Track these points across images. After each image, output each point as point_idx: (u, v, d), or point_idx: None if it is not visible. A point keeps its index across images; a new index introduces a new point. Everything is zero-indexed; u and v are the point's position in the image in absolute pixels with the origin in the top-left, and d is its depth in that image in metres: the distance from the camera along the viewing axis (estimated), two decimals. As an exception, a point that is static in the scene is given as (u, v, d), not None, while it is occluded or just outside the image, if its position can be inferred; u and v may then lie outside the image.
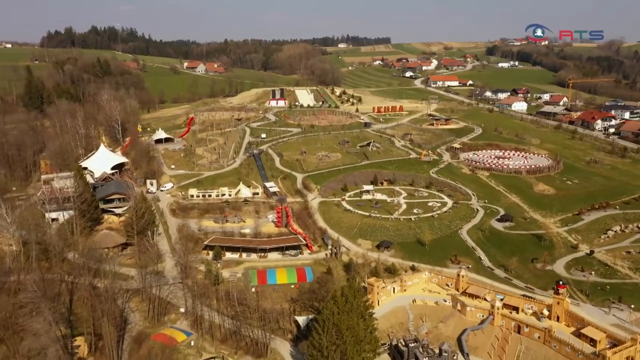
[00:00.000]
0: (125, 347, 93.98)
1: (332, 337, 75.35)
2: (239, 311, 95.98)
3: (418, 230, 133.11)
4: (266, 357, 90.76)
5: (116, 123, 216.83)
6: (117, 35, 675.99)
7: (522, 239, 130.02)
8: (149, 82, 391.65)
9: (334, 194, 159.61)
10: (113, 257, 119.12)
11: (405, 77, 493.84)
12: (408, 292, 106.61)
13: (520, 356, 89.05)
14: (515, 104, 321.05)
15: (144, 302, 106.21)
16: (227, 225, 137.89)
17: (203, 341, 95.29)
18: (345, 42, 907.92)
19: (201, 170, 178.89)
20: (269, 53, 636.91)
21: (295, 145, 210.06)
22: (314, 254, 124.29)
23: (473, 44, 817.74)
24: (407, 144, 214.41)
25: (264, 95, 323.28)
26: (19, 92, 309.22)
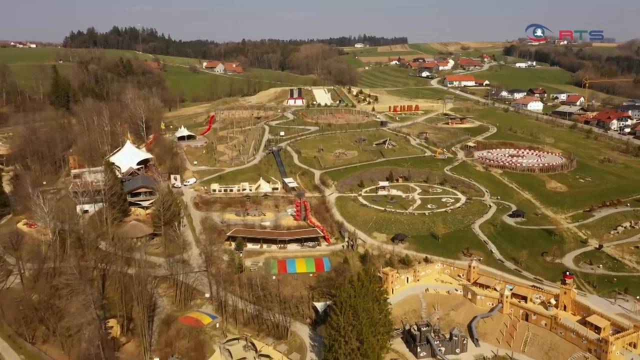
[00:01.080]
0: (155, 329, 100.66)
1: (349, 318, 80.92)
2: (261, 295, 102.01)
3: (432, 224, 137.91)
4: (286, 339, 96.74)
5: (140, 121, 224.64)
6: (138, 35, 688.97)
7: (532, 234, 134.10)
8: (169, 81, 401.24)
9: (350, 189, 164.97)
10: (141, 246, 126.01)
11: (421, 77, 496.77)
12: (421, 282, 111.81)
13: (527, 342, 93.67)
14: (531, 103, 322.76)
15: (171, 288, 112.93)
16: (248, 218, 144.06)
17: (227, 324, 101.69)
18: (362, 42, 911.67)
19: (222, 166, 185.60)
20: (286, 53, 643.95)
21: (313, 142, 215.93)
22: (331, 245, 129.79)
23: (490, 43, 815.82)
24: (422, 142, 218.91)
25: (282, 94, 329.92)
26: (45, 90, 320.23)
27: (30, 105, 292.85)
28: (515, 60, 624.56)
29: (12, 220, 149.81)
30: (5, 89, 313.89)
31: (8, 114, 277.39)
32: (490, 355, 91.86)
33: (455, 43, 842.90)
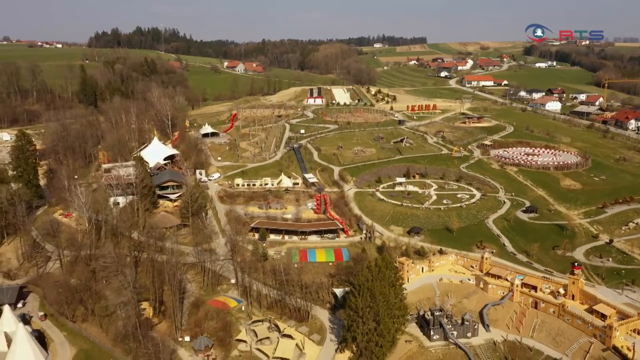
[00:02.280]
0: (184, 311, 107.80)
1: (366, 300, 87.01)
2: (284, 281, 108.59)
3: (447, 218, 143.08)
4: (307, 322, 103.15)
5: (166, 118, 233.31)
6: (161, 35, 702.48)
7: (545, 228, 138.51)
8: (191, 80, 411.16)
9: (368, 185, 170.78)
10: (171, 235, 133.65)
11: (440, 77, 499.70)
12: (435, 272, 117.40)
13: (536, 328, 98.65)
14: (549, 103, 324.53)
15: (199, 274, 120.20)
16: (271, 211, 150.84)
17: (252, 307, 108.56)
18: (381, 42, 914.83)
19: (245, 162, 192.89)
20: (305, 53, 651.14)
21: (332, 140, 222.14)
22: (350, 237, 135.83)
23: (510, 43, 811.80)
24: (439, 141, 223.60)
25: (302, 93, 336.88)
26: (74, 89, 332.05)
27: (60, 103, 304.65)
28: (535, 60, 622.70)
29: (47, 211, 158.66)
30: (35, 87, 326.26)
31: (40, 111, 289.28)
32: (500, 339, 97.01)
33: (475, 43, 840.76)
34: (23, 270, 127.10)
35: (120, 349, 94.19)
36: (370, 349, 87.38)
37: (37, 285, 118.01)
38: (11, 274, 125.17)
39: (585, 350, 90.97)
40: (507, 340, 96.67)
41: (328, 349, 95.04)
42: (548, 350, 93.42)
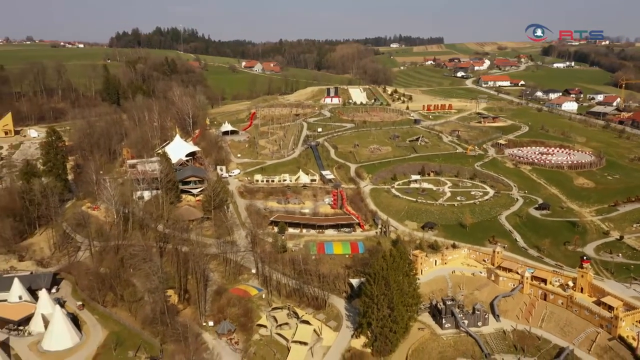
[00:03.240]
0: (208, 298, 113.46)
1: (381, 288, 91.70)
2: (303, 269, 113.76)
3: (460, 214, 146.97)
4: (324, 309, 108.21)
5: (187, 116, 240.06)
6: (180, 35, 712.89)
7: (556, 225, 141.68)
8: (210, 80, 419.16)
9: (384, 182, 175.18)
10: (194, 228, 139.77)
11: (456, 77, 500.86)
12: (448, 265, 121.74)
13: (544, 318, 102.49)
14: (566, 104, 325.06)
15: (221, 265, 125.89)
16: (289, 205, 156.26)
17: (272, 296, 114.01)
18: (398, 42, 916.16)
19: (264, 159, 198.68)
20: (322, 53, 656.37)
21: (349, 138, 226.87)
22: (366, 232, 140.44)
23: (529, 44, 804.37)
24: (454, 140, 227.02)
25: (319, 93, 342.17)
26: (97, 88, 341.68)
27: (84, 101, 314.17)
28: (553, 60, 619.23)
29: (75, 204, 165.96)
30: (61, 86, 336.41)
31: (65, 109, 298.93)
32: (510, 329, 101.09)
33: (492, 43, 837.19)
34: (55, 259, 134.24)
35: (149, 332, 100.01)
36: (384, 335, 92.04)
37: (69, 272, 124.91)
38: (44, 262, 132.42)
39: (592, 340, 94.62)
40: (517, 330, 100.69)
41: (344, 335, 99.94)
42: (556, 339, 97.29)
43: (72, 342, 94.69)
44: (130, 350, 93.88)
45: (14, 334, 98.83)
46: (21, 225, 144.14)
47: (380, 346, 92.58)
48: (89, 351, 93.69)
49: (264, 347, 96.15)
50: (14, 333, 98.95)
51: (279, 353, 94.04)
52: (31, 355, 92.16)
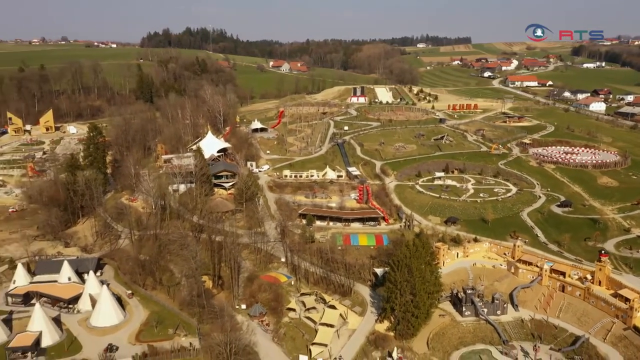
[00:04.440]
0: (240, 284, 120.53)
1: (404, 274, 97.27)
2: (329, 258, 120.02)
3: (482, 210, 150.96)
4: (350, 296, 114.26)
5: (218, 114, 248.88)
6: (209, 36, 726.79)
7: (578, 222, 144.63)
8: (239, 79, 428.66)
9: (408, 178, 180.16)
10: (226, 219, 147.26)
11: (483, 77, 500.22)
12: (470, 258, 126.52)
13: (562, 309, 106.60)
14: (593, 104, 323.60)
15: (253, 254, 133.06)
16: (316, 200, 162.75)
17: (300, 283, 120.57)
18: (425, 42, 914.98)
19: (292, 156, 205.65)
20: (348, 53, 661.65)
21: (375, 137, 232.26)
22: (390, 225, 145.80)
23: (559, 43, 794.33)
24: (478, 139, 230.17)
25: (345, 92, 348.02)
26: (131, 86, 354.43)
27: (119, 99, 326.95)
28: (583, 60, 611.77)
29: (114, 196, 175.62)
30: (97, 84, 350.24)
31: (102, 107, 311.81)
32: (528, 318, 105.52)
33: (521, 43, 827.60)
34: (97, 246, 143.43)
35: (187, 313, 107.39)
36: (406, 319, 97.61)
37: (111, 258, 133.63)
38: (87, 249, 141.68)
39: (607, 329, 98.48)
40: (534, 319, 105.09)
41: (369, 320, 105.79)
42: (572, 328, 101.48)
43: (118, 320, 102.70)
44: (170, 329, 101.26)
45: (65, 311, 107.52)
46: (66, 214, 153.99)
47: (402, 330, 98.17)
48: (132, 328, 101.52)
49: (293, 329, 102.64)
50: (64, 310, 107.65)
51: (307, 334, 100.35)
52: (81, 330, 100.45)
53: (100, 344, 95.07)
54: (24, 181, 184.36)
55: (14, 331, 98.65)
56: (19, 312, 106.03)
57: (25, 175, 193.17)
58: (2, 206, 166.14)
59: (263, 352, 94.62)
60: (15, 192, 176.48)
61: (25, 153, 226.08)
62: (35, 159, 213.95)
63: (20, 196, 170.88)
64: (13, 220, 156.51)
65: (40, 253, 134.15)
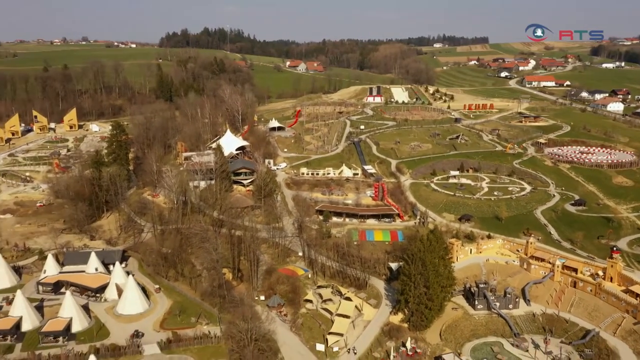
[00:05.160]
0: (259, 276, 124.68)
1: (418, 267, 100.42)
2: (346, 252, 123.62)
3: (496, 208, 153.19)
4: (365, 289, 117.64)
5: (237, 113, 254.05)
6: (226, 36, 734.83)
7: (591, 220, 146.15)
8: (256, 79, 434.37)
9: (423, 177, 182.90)
10: (245, 215, 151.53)
11: (500, 77, 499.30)
12: (483, 254, 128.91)
13: (573, 304, 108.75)
14: (611, 104, 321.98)
15: (271, 248, 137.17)
16: (333, 197, 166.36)
17: (317, 276, 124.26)
18: (441, 41, 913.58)
19: (309, 154, 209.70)
20: (365, 53, 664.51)
21: (390, 136, 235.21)
22: (405, 222, 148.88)
23: (577, 43, 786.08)
24: (494, 138, 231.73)
25: (361, 92, 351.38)
26: (151, 86, 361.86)
27: (140, 98, 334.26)
28: (602, 60, 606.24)
29: (136, 192, 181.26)
30: (118, 84, 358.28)
31: (123, 106, 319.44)
32: (539, 312, 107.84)
33: (539, 43, 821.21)
34: (121, 239, 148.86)
35: (208, 303, 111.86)
36: (420, 311, 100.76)
37: (135, 251, 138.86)
38: (112, 242, 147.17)
39: (618, 324, 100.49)
40: (546, 313, 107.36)
41: (383, 311, 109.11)
42: (583, 322, 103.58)
43: (143, 308, 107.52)
44: (192, 317, 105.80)
45: (92, 299, 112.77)
46: (91, 209, 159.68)
47: (416, 321, 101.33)
48: (157, 316, 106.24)
49: (310, 319, 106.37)
50: (92, 299, 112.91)
51: (324, 324, 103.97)
52: (108, 318, 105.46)
53: (126, 330, 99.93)
54: (50, 177, 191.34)
55: (45, 317, 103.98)
56: (50, 299, 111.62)
57: (51, 171, 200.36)
58: (30, 201, 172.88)
59: (281, 340, 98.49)
60: (42, 188, 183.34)
61: (51, 150, 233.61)
62: (60, 156, 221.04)
63: (47, 191, 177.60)
64: (41, 214, 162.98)
65: (68, 245, 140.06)
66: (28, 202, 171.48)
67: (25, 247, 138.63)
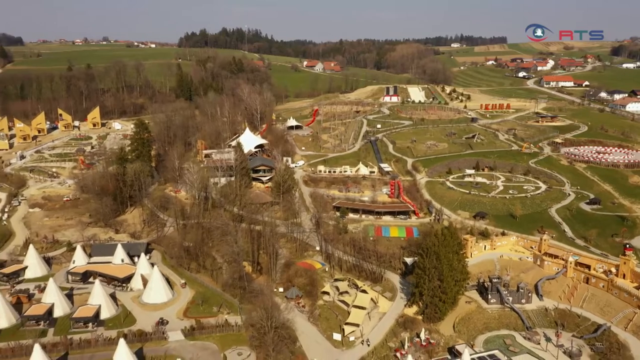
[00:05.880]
0: (278, 269, 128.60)
1: (432, 261, 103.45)
2: (362, 247, 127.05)
3: (511, 206, 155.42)
4: (381, 283, 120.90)
5: (255, 112, 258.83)
6: (244, 36, 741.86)
7: (605, 218, 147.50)
8: (274, 78, 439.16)
9: (439, 175, 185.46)
10: (263, 211, 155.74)
11: (517, 77, 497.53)
12: (497, 250, 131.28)
13: (586, 300, 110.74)
14: (630, 104, 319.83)
15: (289, 242, 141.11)
16: (349, 194, 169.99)
17: (334, 270, 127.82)
18: (459, 41, 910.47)
19: (326, 152, 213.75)
20: (382, 53, 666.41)
21: (407, 135, 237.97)
22: (420, 219, 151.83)
23: (598, 43, 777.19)
24: (510, 138, 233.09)
25: (378, 91, 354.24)
26: (171, 85, 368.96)
27: (160, 97, 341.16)
28: (622, 60, 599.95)
29: (158, 188, 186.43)
30: (139, 83, 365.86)
31: (144, 104, 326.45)
32: (552, 307, 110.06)
33: (559, 43, 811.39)
34: (145, 233, 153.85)
35: (229, 293, 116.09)
36: (434, 303, 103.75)
37: (158, 244, 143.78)
38: (136, 235, 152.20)
39: (629, 319, 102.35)
40: (558, 308, 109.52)
41: (398, 304, 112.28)
42: (595, 317, 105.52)
43: (167, 298, 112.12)
44: (214, 307, 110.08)
45: (119, 289, 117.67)
46: (115, 204, 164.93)
47: (430, 314, 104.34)
48: (180, 305, 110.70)
49: (328, 310, 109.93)
50: (118, 288, 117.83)
51: (340, 315, 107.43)
52: (134, 306, 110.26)
53: (152, 318, 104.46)
54: (76, 173, 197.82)
55: (75, 305, 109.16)
56: (79, 288, 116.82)
57: (77, 167, 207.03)
58: (57, 195, 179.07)
59: (300, 329, 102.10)
60: (68, 183, 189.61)
61: (75, 147, 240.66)
62: (85, 153, 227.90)
63: (73, 186, 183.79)
64: (67, 208, 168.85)
65: (94, 238, 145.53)
66: (55, 197, 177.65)
67: (54, 239, 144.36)
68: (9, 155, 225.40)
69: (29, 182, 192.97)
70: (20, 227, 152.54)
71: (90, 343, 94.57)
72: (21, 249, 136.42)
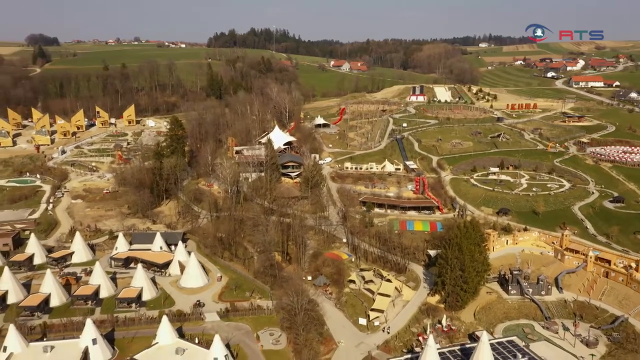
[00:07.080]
0: (306, 259, 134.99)
1: (455, 252, 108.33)
2: (387, 239, 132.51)
3: (534, 203, 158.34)
4: (405, 273, 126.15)
5: (284, 110, 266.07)
6: (272, 36, 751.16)
7: (629, 216, 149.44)
8: (301, 78, 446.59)
9: (463, 173, 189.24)
10: (293, 204, 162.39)
11: (546, 78, 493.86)
12: (519, 245, 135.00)
13: (605, 293, 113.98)
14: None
15: (317, 234, 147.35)
16: (375, 190, 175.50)
17: (359, 260, 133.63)
18: (487, 41, 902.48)
19: (353, 150, 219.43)
20: (409, 52, 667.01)
21: (432, 133, 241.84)
22: (444, 214, 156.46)
23: (631, 43, 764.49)
24: (535, 137, 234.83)
25: (405, 91, 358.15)
26: (201, 84, 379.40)
27: (191, 96, 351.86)
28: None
29: (191, 182, 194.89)
30: (171, 82, 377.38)
31: (177, 103, 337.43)
32: (571, 299, 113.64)
33: (590, 42, 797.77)
34: (180, 224, 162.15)
35: (260, 280, 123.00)
36: (456, 292, 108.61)
37: (193, 234, 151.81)
38: (171, 226, 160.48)
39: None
40: (577, 300, 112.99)
41: (421, 293, 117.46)
42: (613, 309, 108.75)
43: (203, 283, 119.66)
44: (246, 292, 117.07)
45: (158, 274, 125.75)
46: (152, 196, 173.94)
47: (452, 302, 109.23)
48: (215, 290, 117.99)
49: (354, 298, 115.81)
50: (158, 273, 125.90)
51: (366, 302, 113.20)
52: (173, 290, 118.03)
53: (189, 300, 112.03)
54: (114, 167, 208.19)
55: (118, 287, 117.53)
56: (121, 273, 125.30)
57: (114, 162, 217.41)
58: (97, 188, 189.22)
59: (327, 314, 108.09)
60: (107, 177, 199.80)
61: (112, 143, 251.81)
62: (122, 148, 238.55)
63: (112, 180, 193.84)
64: (107, 200, 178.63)
65: (133, 227, 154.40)
66: (95, 190, 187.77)
67: (96, 228, 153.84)
68: (51, 150, 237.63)
69: (70, 175, 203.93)
70: (64, 217, 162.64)
71: (134, 321, 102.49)
72: (67, 236, 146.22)
